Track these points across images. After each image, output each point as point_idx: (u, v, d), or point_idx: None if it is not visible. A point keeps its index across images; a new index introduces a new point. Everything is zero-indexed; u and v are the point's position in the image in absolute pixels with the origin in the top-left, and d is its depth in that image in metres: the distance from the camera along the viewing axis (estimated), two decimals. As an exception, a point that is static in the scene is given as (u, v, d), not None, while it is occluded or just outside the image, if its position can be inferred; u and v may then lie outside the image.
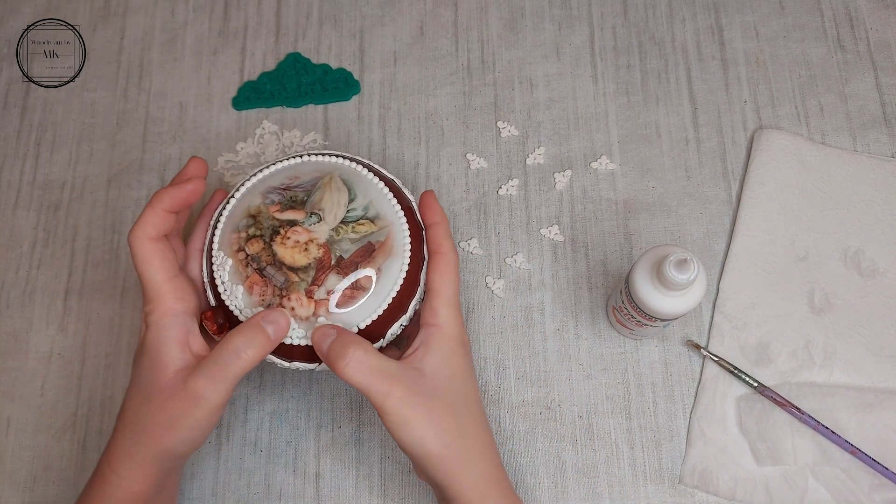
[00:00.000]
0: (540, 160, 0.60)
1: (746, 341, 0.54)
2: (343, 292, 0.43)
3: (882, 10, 0.62)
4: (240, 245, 0.45)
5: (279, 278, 0.44)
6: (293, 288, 0.43)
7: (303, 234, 0.44)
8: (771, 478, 0.50)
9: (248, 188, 0.47)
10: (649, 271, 0.45)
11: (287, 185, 0.46)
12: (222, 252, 0.45)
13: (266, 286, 0.44)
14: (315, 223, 0.44)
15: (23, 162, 0.63)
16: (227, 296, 0.45)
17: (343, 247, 0.44)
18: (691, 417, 0.52)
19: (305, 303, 0.43)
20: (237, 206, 0.47)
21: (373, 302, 0.44)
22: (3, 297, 0.58)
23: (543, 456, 0.52)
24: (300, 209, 0.45)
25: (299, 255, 0.44)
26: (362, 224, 0.45)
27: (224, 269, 0.45)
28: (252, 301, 0.44)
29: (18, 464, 0.54)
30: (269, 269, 0.44)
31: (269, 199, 0.46)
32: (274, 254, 0.44)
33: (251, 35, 0.65)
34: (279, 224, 0.45)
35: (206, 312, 0.45)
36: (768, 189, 0.57)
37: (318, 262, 0.44)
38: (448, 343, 0.43)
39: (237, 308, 0.44)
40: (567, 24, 0.64)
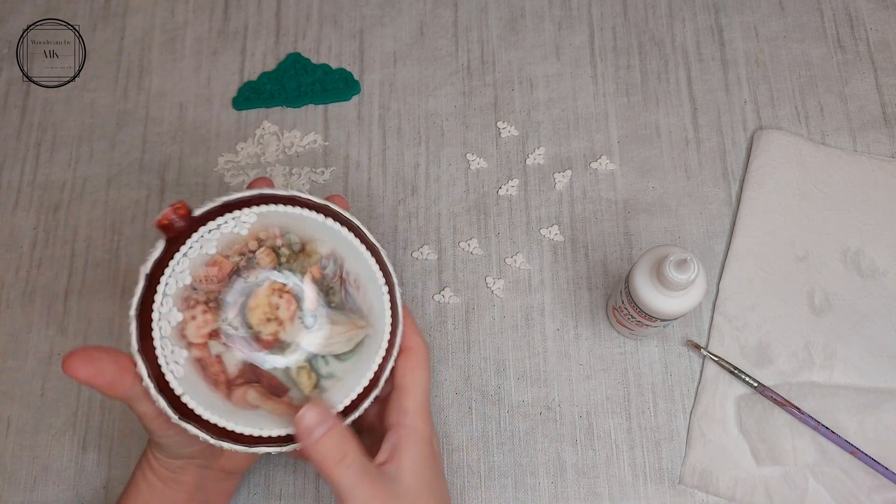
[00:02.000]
0: (540, 160, 0.60)
1: (746, 341, 0.54)
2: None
3: (882, 10, 0.62)
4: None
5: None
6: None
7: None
8: (771, 478, 0.50)
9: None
10: (649, 271, 0.45)
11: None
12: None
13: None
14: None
15: (23, 162, 0.62)
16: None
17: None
18: (691, 418, 0.52)
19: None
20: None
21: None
22: (3, 297, 0.58)
23: (543, 456, 0.52)
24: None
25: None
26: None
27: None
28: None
29: (18, 464, 0.54)
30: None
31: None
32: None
33: (251, 35, 0.65)
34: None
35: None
36: (768, 189, 0.57)
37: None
38: (421, 447, 0.40)
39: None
40: (567, 25, 0.64)
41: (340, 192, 0.60)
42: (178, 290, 0.37)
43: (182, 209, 0.37)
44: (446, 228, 0.58)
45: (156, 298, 0.37)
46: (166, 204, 0.60)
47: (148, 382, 0.36)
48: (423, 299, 0.56)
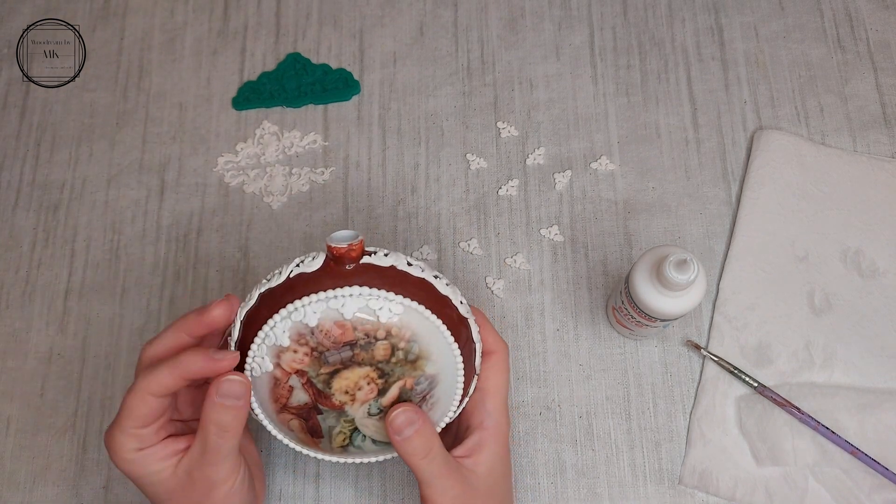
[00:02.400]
0: (540, 160, 0.60)
1: (746, 342, 0.54)
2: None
3: (882, 10, 0.62)
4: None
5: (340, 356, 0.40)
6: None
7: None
8: (771, 478, 0.50)
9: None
10: (649, 271, 0.45)
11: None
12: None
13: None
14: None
15: (23, 162, 0.62)
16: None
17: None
18: (691, 418, 0.52)
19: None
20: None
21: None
22: (3, 297, 0.58)
23: (543, 456, 0.52)
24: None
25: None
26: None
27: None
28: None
29: (18, 464, 0.54)
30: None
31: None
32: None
33: (251, 35, 0.65)
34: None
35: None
36: (768, 189, 0.57)
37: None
38: (499, 446, 0.43)
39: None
40: (567, 25, 0.64)
41: (340, 192, 0.60)
42: (299, 323, 0.38)
43: (357, 252, 0.39)
44: (446, 228, 0.58)
45: (278, 314, 0.38)
46: (167, 200, 0.60)
47: (232, 345, 0.40)
48: (423, 299, 0.56)
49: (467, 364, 0.42)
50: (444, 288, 0.41)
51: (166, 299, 0.58)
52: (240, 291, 0.57)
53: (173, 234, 0.59)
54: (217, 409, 0.39)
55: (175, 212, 0.60)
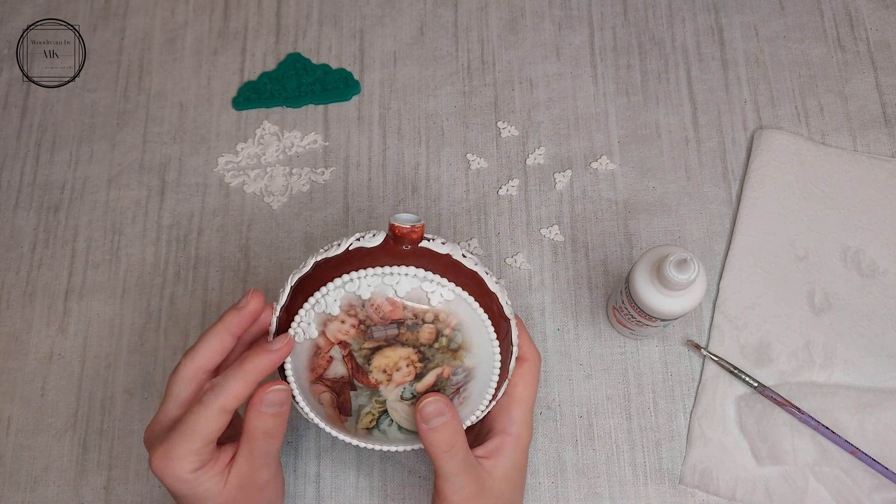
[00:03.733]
0: (540, 160, 0.60)
1: (747, 341, 0.54)
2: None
3: (882, 10, 0.63)
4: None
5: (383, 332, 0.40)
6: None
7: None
8: (771, 478, 0.50)
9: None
10: (649, 271, 0.45)
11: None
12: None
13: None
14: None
15: (23, 162, 0.63)
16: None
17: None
18: (691, 417, 0.52)
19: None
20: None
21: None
22: (4, 298, 0.58)
23: (543, 456, 0.52)
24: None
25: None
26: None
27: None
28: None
29: (18, 464, 0.54)
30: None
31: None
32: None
33: (251, 35, 0.65)
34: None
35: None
36: (768, 189, 0.57)
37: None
38: (518, 454, 0.44)
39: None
40: (567, 25, 0.64)
41: (340, 192, 0.60)
42: (352, 294, 0.39)
43: (418, 234, 0.40)
44: (446, 228, 0.58)
45: (332, 282, 0.39)
46: (167, 200, 0.60)
47: (274, 320, 0.41)
48: (424, 299, 0.56)
49: (503, 364, 0.42)
50: (493, 285, 0.42)
51: (166, 299, 0.58)
52: (240, 291, 0.57)
53: (173, 234, 0.59)
54: (263, 418, 0.39)
55: (175, 212, 0.60)
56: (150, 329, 0.57)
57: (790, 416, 0.51)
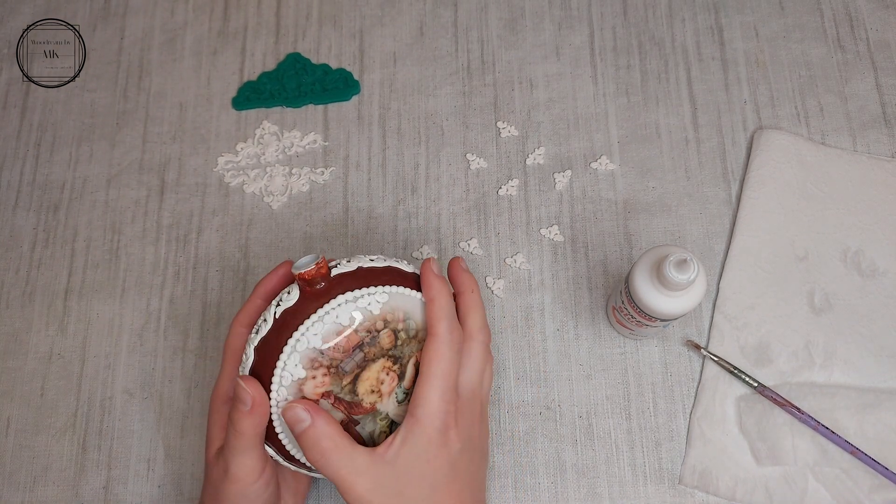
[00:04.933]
0: (540, 160, 0.60)
1: (746, 341, 0.54)
2: None
3: (882, 10, 0.63)
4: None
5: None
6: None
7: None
8: (771, 478, 0.50)
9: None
10: (649, 271, 0.45)
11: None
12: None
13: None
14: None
15: (23, 162, 0.63)
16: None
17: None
18: (691, 418, 0.52)
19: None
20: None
21: None
22: (3, 297, 0.58)
23: (543, 456, 0.52)
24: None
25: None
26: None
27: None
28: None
29: (18, 464, 0.54)
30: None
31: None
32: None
33: (251, 35, 0.65)
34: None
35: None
36: (768, 189, 0.57)
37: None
38: (427, 438, 0.40)
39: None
40: (567, 25, 0.64)
41: (340, 192, 0.60)
42: (306, 349, 0.40)
43: (324, 269, 0.41)
44: (446, 228, 0.58)
45: (285, 350, 0.40)
46: (167, 200, 0.60)
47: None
48: (423, 299, 0.56)
49: None
50: (407, 268, 0.44)
51: (166, 299, 0.58)
52: (240, 291, 0.57)
53: (173, 234, 0.59)
54: (233, 410, 0.41)
55: (175, 212, 0.60)
56: (150, 329, 0.57)
57: (790, 417, 0.51)
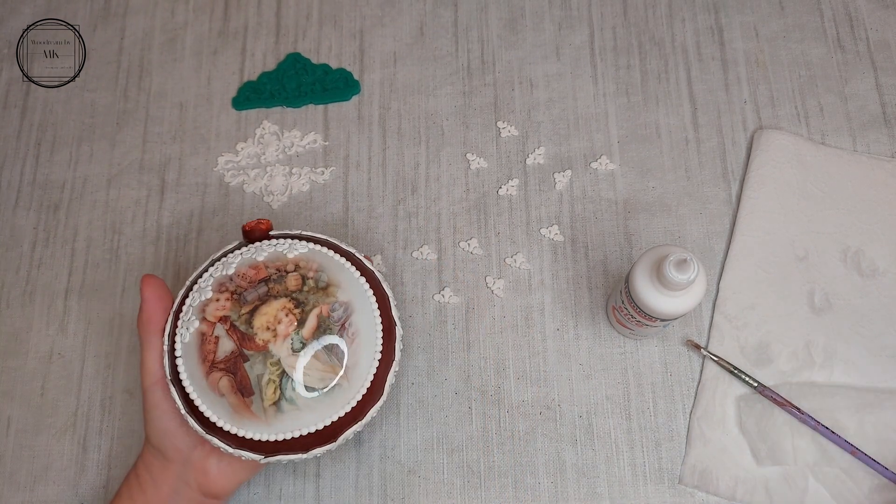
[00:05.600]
0: (540, 160, 0.60)
1: (746, 341, 0.54)
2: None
3: (882, 10, 0.63)
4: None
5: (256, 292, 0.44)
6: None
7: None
8: (771, 478, 0.50)
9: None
10: (649, 271, 0.45)
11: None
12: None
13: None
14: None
15: (23, 162, 0.63)
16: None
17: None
18: (691, 417, 0.52)
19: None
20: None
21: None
22: (3, 297, 0.58)
23: (543, 456, 0.52)
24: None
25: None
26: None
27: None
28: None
29: (18, 463, 0.54)
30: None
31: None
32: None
33: (251, 35, 0.65)
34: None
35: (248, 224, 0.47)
36: (768, 189, 0.57)
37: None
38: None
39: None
40: (567, 25, 0.64)
41: (340, 192, 0.60)
42: (221, 276, 0.45)
43: (265, 224, 0.47)
44: (446, 228, 0.58)
45: (203, 276, 0.46)
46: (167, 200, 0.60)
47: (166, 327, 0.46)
48: (423, 299, 0.56)
49: (381, 301, 0.45)
50: (346, 246, 0.47)
51: (166, 299, 0.58)
52: (240, 291, 0.57)
53: (173, 234, 0.60)
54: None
55: (175, 212, 0.60)
56: (150, 329, 0.57)
57: (790, 416, 0.51)
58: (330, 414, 0.43)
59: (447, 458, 0.53)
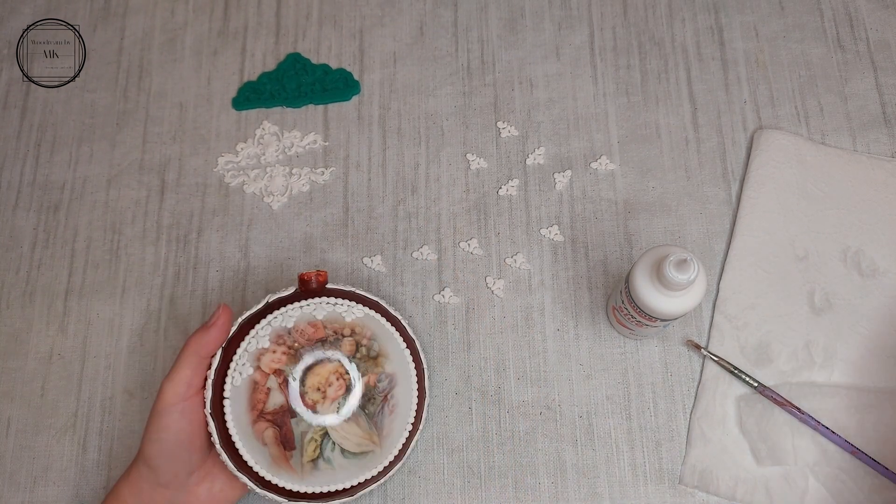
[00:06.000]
0: (540, 160, 0.60)
1: (747, 341, 0.54)
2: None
3: (882, 10, 0.63)
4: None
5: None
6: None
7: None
8: (771, 478, 0.50)
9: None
10: (649, 271, 0.45)
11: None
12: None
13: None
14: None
15: (23, 162, 0.62)
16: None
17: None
18: (691, 417, 0.52)
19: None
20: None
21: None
22: (3, 298, 0.58)
23: (543, 456, 0.52)
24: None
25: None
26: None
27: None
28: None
29: (18, 464, 0.54)
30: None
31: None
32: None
33: (251, 35, 0.65)
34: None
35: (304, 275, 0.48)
36: (768, 189, 0.57)
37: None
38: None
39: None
40: (567, 25, 0.64)
41: (340, 192, 0.60)
42: (279, 327, 0.46)
43: (322, 277, 0.48)
44: (446, 228, 0.58)
45: (261, 322, 0.46)
46: (167, 200, 0.60)
47: (214, 366, 0.46)
48: (423, 299, 0.56)
49: (419, 374, 0.48)
50: (392, 311, 0.49)
51: (166, 299, 0.58)
52: (240, 292, 0.57)
53: (173, 234, 0.59)
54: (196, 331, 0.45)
55: (175, 212, 0.60)
56: (150, 329, 0.57)
57: (790, 416, 0.51)
58: (358, 475, 0.46)
59: (447, 458, 0.53)
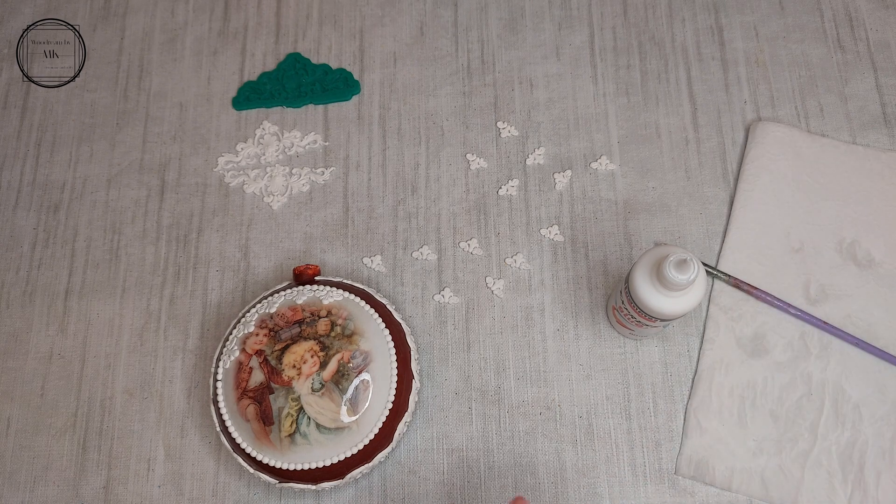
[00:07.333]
0: (540, 160, 0.60)
1: (742, 332, 0.54)
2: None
3: (882, 10, 0.63)
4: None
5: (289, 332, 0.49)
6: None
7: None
8: (766, 468, 0.51)
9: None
10: (649, 271, 0.45)
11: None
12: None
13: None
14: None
15: (23, 162, 0.63)
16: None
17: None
18: (687, 408, 0.52)
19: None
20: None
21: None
22: (4, 297, 0.58)
23: (543, 456, 0.52)
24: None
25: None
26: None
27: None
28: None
29: (18, 464, 0.54)
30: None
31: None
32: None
33: (251, 35, 0.65)
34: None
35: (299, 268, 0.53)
36: (763, 181, 0.57)
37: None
38: None
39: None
40: (567, 25, 0.64)
41: (340, 192, 0.60)
42: (264, 313, 0.51)
43: (312, 269, 0.53)
44: (446, 228, 0.58)
45: (251, 311, 0.51)
46: (167, 200, 0.60)
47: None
48: (423, 299, 0.57)
49: (400, 354, 0.50)
50: (378, 297, 0.52)
51: (166, 299, 0.58)
52: (240, 292, 0.57)
53: (173, 234, 0.60)
54: None
55: (175, 212, 0.60)
56: (150, 329, 0.57)
57: (776, 311, 0.54)
58: (337, 453, 0.47)
59: (447, 458, 0.53)
